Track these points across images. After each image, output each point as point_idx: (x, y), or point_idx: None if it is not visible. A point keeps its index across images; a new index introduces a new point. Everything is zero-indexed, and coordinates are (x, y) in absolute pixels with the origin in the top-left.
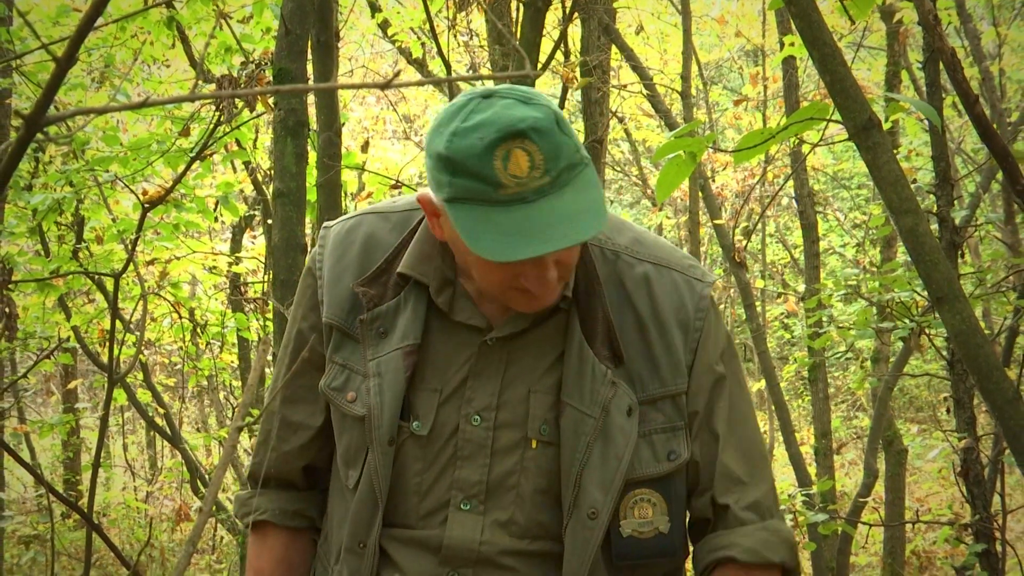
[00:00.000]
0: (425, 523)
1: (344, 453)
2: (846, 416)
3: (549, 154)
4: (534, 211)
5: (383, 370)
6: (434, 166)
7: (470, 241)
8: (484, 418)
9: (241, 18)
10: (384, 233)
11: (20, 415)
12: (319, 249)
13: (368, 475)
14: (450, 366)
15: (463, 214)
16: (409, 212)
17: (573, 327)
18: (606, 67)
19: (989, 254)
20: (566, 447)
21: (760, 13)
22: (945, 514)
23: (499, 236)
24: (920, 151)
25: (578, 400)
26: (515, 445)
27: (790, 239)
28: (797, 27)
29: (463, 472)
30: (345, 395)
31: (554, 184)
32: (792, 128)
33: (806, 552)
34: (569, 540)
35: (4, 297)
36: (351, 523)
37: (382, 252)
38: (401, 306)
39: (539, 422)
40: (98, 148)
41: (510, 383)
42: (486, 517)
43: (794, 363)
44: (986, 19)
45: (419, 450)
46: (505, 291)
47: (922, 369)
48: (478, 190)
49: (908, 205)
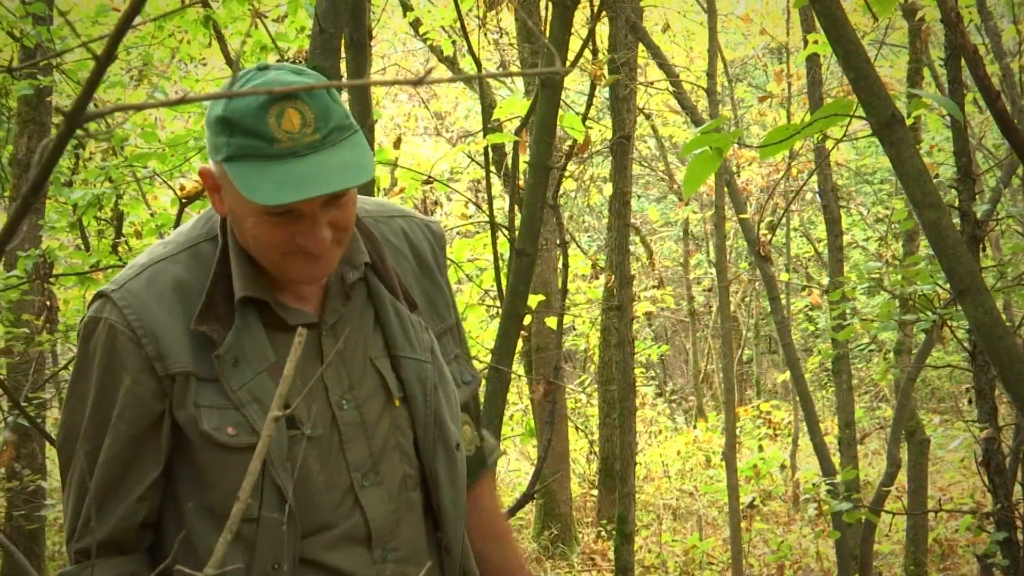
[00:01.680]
0: (339, 515)
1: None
2: (869, 407)
3: (320, 114)
4: (305, 164)
5: (258, 394)
6: (212, 131)
7: (247, 191)
8: (349, 399)
9: (276, 17)
10: (183, 272)
11: (61, 406)
12: (119, 315)
13: (271, 496)
14: (301, 364)
15: (240, 170)
16: (190, 246)
17: (378, 289)
18: (633, 64)
19: (1010, 247)
20: (416, 395)
21: (784, 11)
22: (967, 503)
23: (273, 185)
24: (942, 146)
25: (410, 350)
26: (381, 411)
27: (814, 233)
28: (821, 25)
29: (351, 454)
30: (225, 432)
31: (324, 142)
32: (816, 124)
33: (830, 540)
34: (445, 476)
35: (45, 290)
36: (261, 550)
37: (197, 289)
38: (241, 331)
39: (393, 383)
40: (137, 145)
41: (351, 360)
42: (384, 486)
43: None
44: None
45: (315, 451)
46: (285, 256)
47: (944, 360)
48: (254, 146)
49: (931, 199)
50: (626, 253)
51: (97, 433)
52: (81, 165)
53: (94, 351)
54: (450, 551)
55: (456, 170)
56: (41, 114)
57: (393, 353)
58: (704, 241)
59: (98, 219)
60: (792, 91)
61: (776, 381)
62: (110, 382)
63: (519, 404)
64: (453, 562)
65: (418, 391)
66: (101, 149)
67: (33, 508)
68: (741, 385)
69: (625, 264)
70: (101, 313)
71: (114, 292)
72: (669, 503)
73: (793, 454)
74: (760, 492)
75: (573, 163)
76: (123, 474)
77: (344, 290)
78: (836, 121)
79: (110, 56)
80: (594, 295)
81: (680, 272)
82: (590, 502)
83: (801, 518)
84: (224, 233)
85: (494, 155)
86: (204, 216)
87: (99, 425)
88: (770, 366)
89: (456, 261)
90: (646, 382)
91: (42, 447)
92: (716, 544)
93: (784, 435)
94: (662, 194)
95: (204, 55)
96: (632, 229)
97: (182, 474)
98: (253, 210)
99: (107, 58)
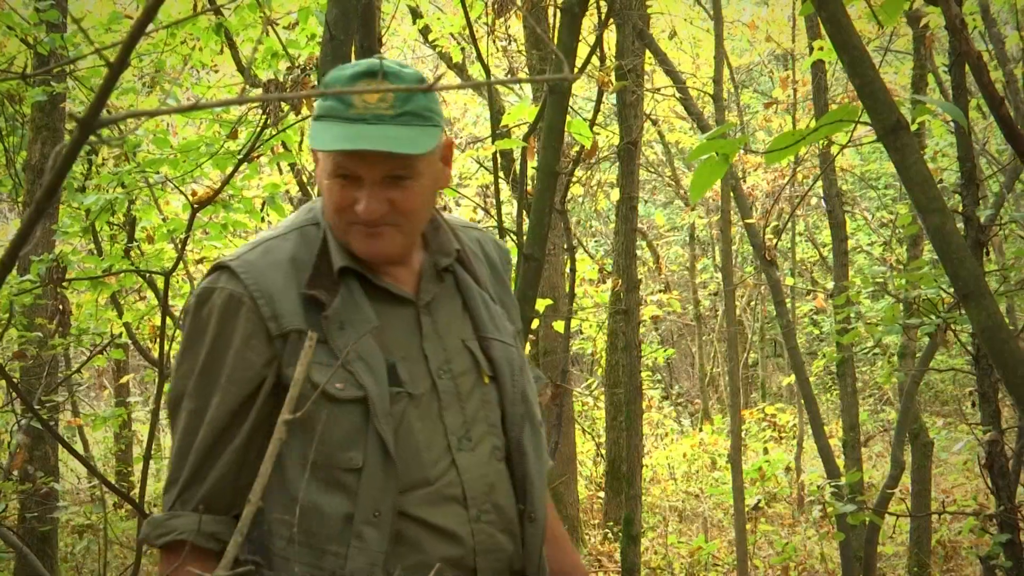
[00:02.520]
0: (436, 471)
1: (342, 439)
2: (873, 410)
3: (400, 95)
4: (369, 128)
5: (363, 353)
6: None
7: (311, 139)
8: (446, 371)
9: (287, 24)
10: (292, 248)
11: (74, 409)
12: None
13: (375, 447)
14: (402, 335)
15: (319, 125)
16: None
17: (465, 278)
18: (640, 71)
19: (1013, 252)
20: (504, 374)
21: (790, 18)
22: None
23: (332, 136)
24: (946, 152)
25: (495, 332)
26: (473, 386)
27: (819, 238)
28: (827, 32)
29: (448, 419)
30: (334, 386)
31: (394, 119)
32: (822, 130)
33: (834, 542)
34: (531, 449)
35: (58, 295)
36: (363, 498)
37: (306, 262)
38: (345, 298)
39: (483, 362)
40: (149, 151)
41: (445, 338)
42: (476, 452)
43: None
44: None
45: (416, 410)
46: (349, 226)
47: (948, 364)
48: (335, 108)
49: (935, 204)
50: (633, 257)
51: (203, 393)
52: (94, 171)
53: (208, 317)
54: (534, 521)
55: (465, 175)
56: (55, 120)
57: (481, 335)
58: (710, 246)
59: (111, 224)
60: (797, 97)
61: (781, 384)
62: (222, 346)
63: None
64: (538, 532)
65: (506, 370)
66: (114, 155)
67: (46, 510)
68: (746, 388)
69: (632, 268)
70: (217, 283)
71: (232, 262)
72: (675, 505)
73: (798, 456)
74: (765, 494)
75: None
76: (227, 433)
77: (437, 274)
78: (841, 127)
79: (123, 63)
80: (601, 299)
81: (686, 276)
82: (597, 504)
83: (806, 520)
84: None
85: (502, 161)
86: (306, 207)
87: (206, 386)
88: (775, 369)
89: None
90: (652, 385)
91: (55, 449)
92: (721, 546)
93: (789, 438)
94: (669, 199)
95: (216, 62)
96: (639, 234)
97: None
98: (327, 170)
99: (120, 65)
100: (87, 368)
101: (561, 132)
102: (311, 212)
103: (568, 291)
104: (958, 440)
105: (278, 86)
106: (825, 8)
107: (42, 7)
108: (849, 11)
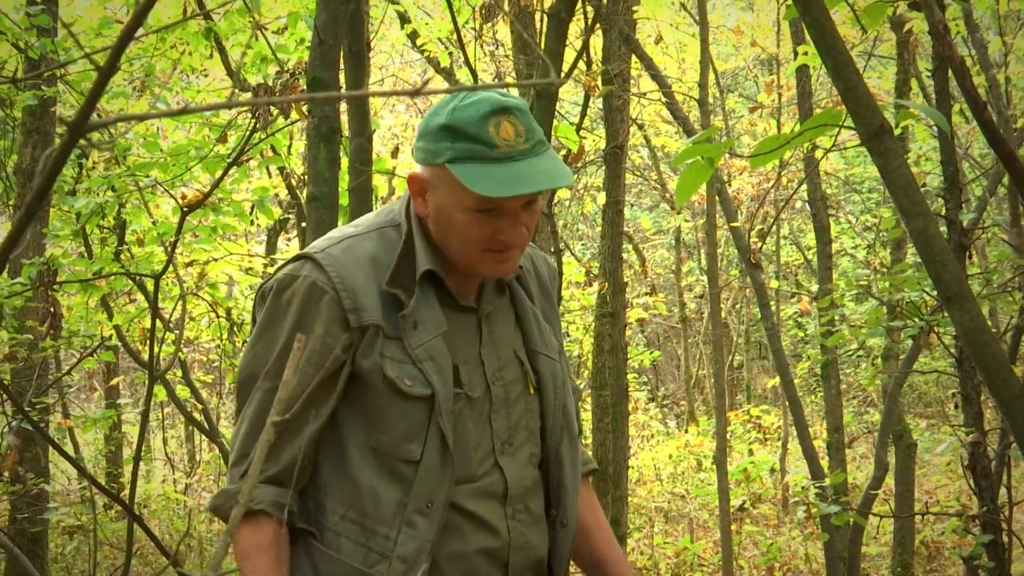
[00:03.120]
0: (481, 470)
1: (405, 432)
2: (857, 411)
3: (528, 127)
4: (521, 166)
5: (434, 354)
6: (434, 137)
7: (472, 184)
8: (499, 378)
9: (276, 29)
10: (373, 247)
11: (64, 411)
12: (320, 272)
13: (434, 442)
14: (465, 341)
15: (464, 169)
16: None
17: (520, 295)
18: (626, 76)
19: (996, 255)
20: (548, 386)
21: (775, 23)
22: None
23: (495, 182)
24: (929, 156)
25: (543, 347)
26: (519, 395)
27: (803, 241)
28: (811, 37)
29: (496, 424)
30: (403, 382)
31: (532, 151)
32: (806, 134)
33: (819, 542)
34: (568, 459)
35: (49, 297)
36: (418, 488)
37: (386, 261)
38: (420, 300)
39: (531, 374)
40: (139, 154)
41: (500, 348)
42: (516, 457)
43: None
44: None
45: (471, 411)
46: (482, 253)
47: (931, 366)
48: (476, 150)
49: (918, 208)
50: (619, 260)
51: (282, 373)
52: (84, 174)
53: (289, 302)
54: (566, 526)
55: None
56: (45, 124)
57: (530, 348)
58: (696, 249)
59: (101, 227)
60: (782, 102)
61: (766, 386)
62: (303, 329)
63: None
64: (568, 537)
65: (550, 383)
66: (104, 159)
67: (36, 511)
68: (732, 390)
69: (618, 271)
70: (300, 271)
71: (317, 254)
72: (661, 506)
73: (783, 458)
74: (750, 495)
75: None
76: (302, 414)
77: (500, 287)
78: (825, 131)
79: (112, 67)
80: (588, 302)
81: (672, 279)
82: None
83: (790, 521)
84: (408, 221)
85: None
86: (384, 210)
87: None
88: (760, 371)
89: None
90: (638, 387)
91: (45, 451)
92: (707, 546)
93: (774, 439)
94: (655, 203)
95: (205, 66)
96: (625, 237)
97: (350, 418)
98: (466, 206)
99: (109, 69)
100: (77, 370)
101: (548, 136)
102: (390, 215)
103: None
104: (941, 441)
105: (267, 90)
106: (809, 13)
107: (33, 12)
108: (833, 16)
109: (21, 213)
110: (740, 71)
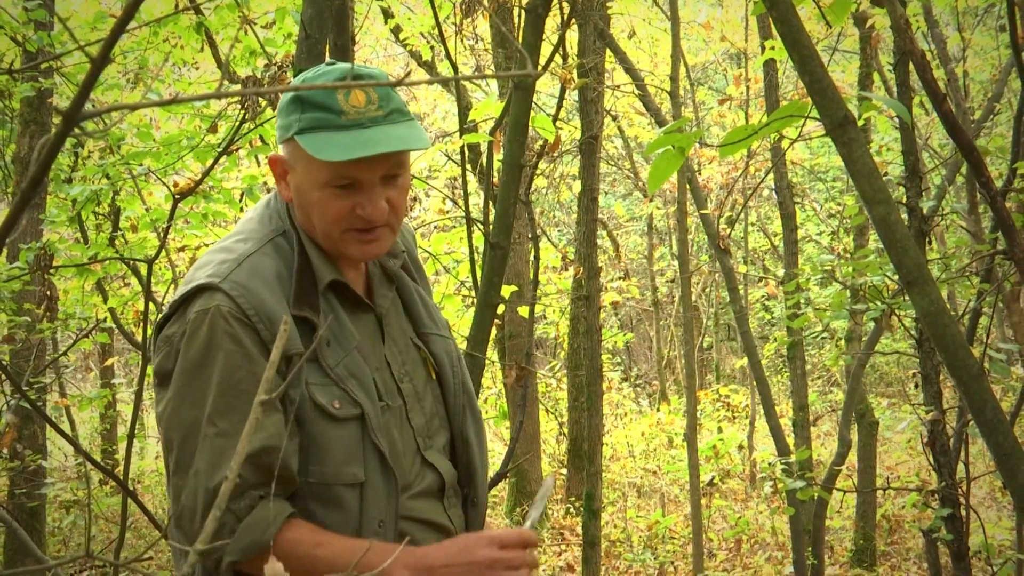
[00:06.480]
0: (414, 473)
1: (344, 457)
2: (822, 391)
3: (382, 95)
4: (370, 132)
5: (353, 370)
6: (285, 111)
7: (317, 152)
8: (404, 374)
9: (264, 24)
10: (274, 264)
11: (61, 390)
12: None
13: (373, 460)
14: (371, 346)
15: (311, 138)
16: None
17: (404, 280)
18: (601, 69)
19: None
20: (445, 367)
21: (743, 19)
22: (913, 481)
23: (341, 147)
24: (891, 146)
25: (433, 327)
26: (425, 383)
27: (770, 228)
28: (778, 31)
29: (415, 422)
30: (332, 405)
31: (386, 118)
32: (773, 125)
33: (785, 516)
34: (475, 439)
35: (46, 281)
36: (367, 511)
37: (287, 278)
38: (327, 314)
39: (428, 358)
40: (132, 144)
41: (398, 341)
42: (435, 448)
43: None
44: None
45: (393, 419)
46: (344, 233)
47: (892, 347)
48: (324, 119)
49: (880, 196)
50: (594, 246)
51: (228, 413)
52: (80, 163)
53: (209, 340)
54: (476, 505)
55: (434, 168)
56: (42, 114)
57: (421, 331)
58: (667, 235)
59: (96, 214)
60: (750, 94)
61: (734, 367)
62: (236, 364)
63: (493, 388)
64: (480, 516)
65: (446, 363)
66: (99, 148)
67: (34, 487)
68: (701, 370)
69: (593, 256)
70: (210, 304)
71: (222, 283)
72: (634, 481)
73: (750, 435)
74: (719, 471)
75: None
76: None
77: (388, 277)
78: (792, 122)
79: (105, 58)
80: (564, 286)
81: (644, 264)
82: (559, 480)
83: (758, 495)
84: (295, 225)
85: (470, 154)
86: (263, 215)
87: (230, 406)
88: (729, 352)
89: (434, 253)
90: (612, 367)
91: (43, 429)
92: (678, 520)
93: (742, 417)
94: (628, 191)
95: (196, 59)
96: (599, 224)
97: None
98: (321, 182)
99: (102, 60)
100: (73, 351)
101: (525, 127)
102: (272, 221)
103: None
104: (902, 420)
105: (256, 82)
106: (776, 8)
107: (30, 6)
108: (799, 12)
109: (16, 199)
110: (710, 65)
